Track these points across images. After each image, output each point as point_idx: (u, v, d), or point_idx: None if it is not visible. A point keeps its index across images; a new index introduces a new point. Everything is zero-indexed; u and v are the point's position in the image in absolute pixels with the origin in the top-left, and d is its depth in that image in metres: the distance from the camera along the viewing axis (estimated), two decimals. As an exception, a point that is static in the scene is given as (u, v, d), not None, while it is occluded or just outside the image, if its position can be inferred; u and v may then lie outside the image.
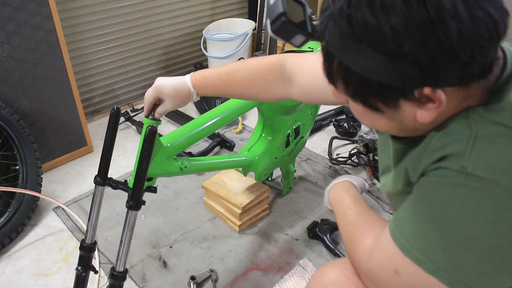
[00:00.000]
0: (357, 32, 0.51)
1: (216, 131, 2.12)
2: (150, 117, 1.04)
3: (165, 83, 1.00)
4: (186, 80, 1.01)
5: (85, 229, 1.28)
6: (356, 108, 0.62)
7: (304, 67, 0.93)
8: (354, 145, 2.06)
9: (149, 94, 1.02)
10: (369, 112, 0.60)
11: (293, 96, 0.98)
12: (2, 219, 1.55)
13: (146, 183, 1.07)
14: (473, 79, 0.54)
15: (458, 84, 0.54)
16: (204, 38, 2.68)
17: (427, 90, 0.53)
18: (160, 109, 1.03)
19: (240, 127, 2.30)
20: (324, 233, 1.54)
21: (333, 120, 2.29)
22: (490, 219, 0.53)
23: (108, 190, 1.11)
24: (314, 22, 0.61)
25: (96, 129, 2.31)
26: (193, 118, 1.39)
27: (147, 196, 1.06)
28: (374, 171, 1.90)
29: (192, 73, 1.03)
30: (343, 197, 0.89)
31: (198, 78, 1.01)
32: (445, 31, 0.48)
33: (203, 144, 2.12)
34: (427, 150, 0.60)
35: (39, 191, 1.68)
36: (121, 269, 1.06)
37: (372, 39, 0.51)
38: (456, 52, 0.49)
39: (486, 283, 0.56)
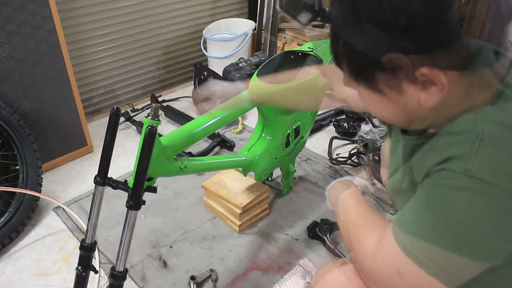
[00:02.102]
0: (359, 9, 0.55)
1: (216, 131, 2.13)
2: (150, 117, 1.04)
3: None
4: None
5: (85, 229, 1.28)
6: (362, 93, 0.64)
7: None
8: (354, 145, 2.06)
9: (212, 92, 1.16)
10: (374, 97, 0.62)
11: None
12: (2, 219, 1.55)
13: (146, 183, 1.07)
14: (446, 46, 0.56)
15: (438, 48, 0.55)
16: (204, 38, 2.68)
17: (424, 70, 0.55)
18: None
19: (240, 127, 2.30)
20: (324, 233, 1.54)
21: (333, 120, 2.29)
22: (493, 223, 0.53)
23: (108, 190, 1.11)
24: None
25: (96, 129, 2.31)
26: (193, 118, 1.39)
27: (147, 196, 1.06)
28: (374, 171, 1.90)
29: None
30: (344, 197, 0.89)
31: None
32: None
33: (203, 144, 2.12)
34: (433, 149, 0.60)
35: (39, 191, 1.68)
36: (121, 269, 1.06)
37: (372, 14, 0.54)
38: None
39: None
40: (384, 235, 0.66)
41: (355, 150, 1.98)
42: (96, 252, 1.51)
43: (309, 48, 1.53)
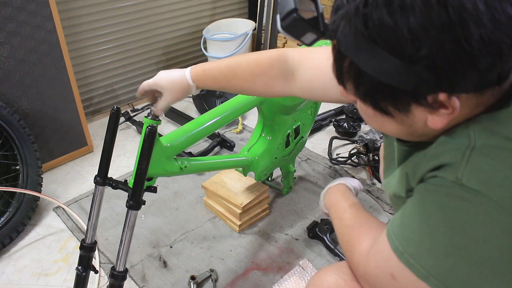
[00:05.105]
0: (373, 33, 0.49)
1: (216, 131, 2.13)
2: (150, 117, 1.05)
3: (163, 76, 1.01)
4: (185, 73, 1.00)
5: (85, 229, 1.28)
6: (365, 111, 0.60)
7: (307, 63, 0.91)
8: (354, 145, 2.06)
9: (145, 82, 1.03)
10: (378, 116, 0.59)
11: (294, 92, 0.96)
12: (2, 219, 1.55)
13: (146, 183, 1.07)
14: (489, 86, 0.52)
15: (474, 91, 0.52)
16: (204, 38, 2.68)
17: (442, 96, 0.51)
18: (160, 104, 1.02)
19: (240, 127, 2.30)
20: (324, 233, 1.54)
21: (333, 120, 2.29)
22: (481, 232, 0.53)
23: (108, 190, 1.11)
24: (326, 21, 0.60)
25: (96, 129, 2.31)
26: (193, 118, 1.39)
27: (147, 196, 1.06)
28: (374, 171, 1.90)
29: (192, 66, 1.02)
30: (338, 200, 0.89)
31: (198, 71, 1.01)
32: (465, 35, 0.46)
33: (203, 144, 2.12)
34: (426, 156, 0.59)
35: (40, 191, 1.68)
36: (121, 269, 1.07)
37: (388, 41, 0.49)
38: (476, 58, 0.47)
39: None
40: (379, 237, 0.66)
41: (355, 150, 1.98)
42: (96, 252, 1.51)
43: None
